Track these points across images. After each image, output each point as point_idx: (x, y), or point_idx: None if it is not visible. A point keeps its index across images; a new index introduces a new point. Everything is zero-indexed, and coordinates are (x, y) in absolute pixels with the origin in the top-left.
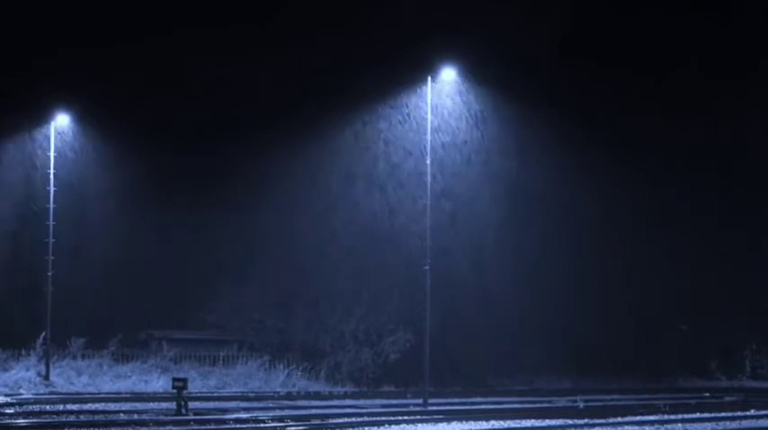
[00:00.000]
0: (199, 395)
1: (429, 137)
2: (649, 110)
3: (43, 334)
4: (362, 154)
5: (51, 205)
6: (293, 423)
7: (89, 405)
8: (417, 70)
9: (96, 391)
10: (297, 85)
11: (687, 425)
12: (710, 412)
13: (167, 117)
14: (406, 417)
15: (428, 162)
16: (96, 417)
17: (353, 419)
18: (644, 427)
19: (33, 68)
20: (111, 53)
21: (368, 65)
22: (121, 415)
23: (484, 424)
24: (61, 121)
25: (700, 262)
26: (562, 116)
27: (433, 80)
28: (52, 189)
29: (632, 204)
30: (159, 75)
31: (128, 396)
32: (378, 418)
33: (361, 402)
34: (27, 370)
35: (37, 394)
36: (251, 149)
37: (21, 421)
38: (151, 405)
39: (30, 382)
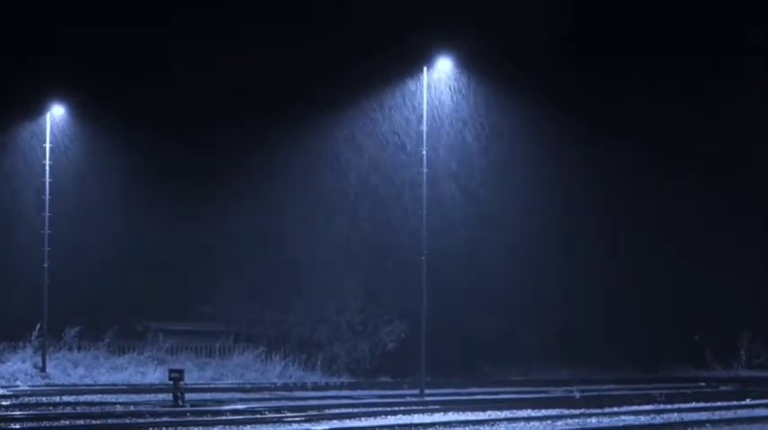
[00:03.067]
0: (195, 386)
1: (425, 127)
2: (651, 99)
3: (39, 326)
4: (358, 145)
5: (47, 196)
6: (290, 414)
7: (85, 396)
8: (413, 60)
9: (93, 383)
10: (292, 76)
11: (683, 415)
12: (706, 401)
13: (166, 108)
14: (402, 408)
15: (424, 152)
16: (93, 409)
17: (350, 410)
18: (640, 417)
19: (28, 59)
20: (106, 44)
21: (363, 55)
22: (118, 406)
23: (480, 414)
24: (57, 112)
25: (696, 252)
26: (561, 107)
27: (428, 70)
28: (48, 180)
29: (630, 195)
30: (157, 67)
31: (124, 387)
32: (374, 409)
33: (357, 393)
34: (23, 362)
35: (33, 386)
36: (246, 142)
37: (17, 413)
38: (147, 396)
39: (26, 374)
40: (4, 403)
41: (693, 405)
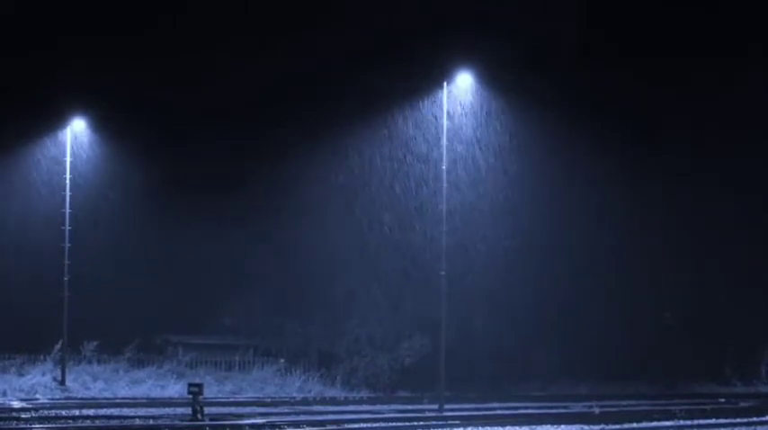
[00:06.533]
0: (214, 400)
1: (445, 142)
2: (671, 109)
3: (60, 340)
4: (378, 159)
5: (67, 210)
6: (309, 428)
7: (105, 410)
8: (433, 75)
9: (112, 396)
10: (312, 86)
11: None
12: (726, 417)
13: (184, 121)
14: (421, 423)
15: (444, 167)
16: (112, 423)
17: (369, 425)
18: None
19: (49, 73)
20: (127, 58)
21: (383, 69)
22: (137, 420)
23: (500, 429)
24: (77, 126)
25: (715, 267)
26: (586, 116)
27: (448, 85)
28: (68, 194)
29: (647, 208)
30: (176, 79)
31: (143, 401)
32: (393, 424)
33: (377, 407)
34: (43, 375)
35: (53, 399)
36: (266, 153)
37: (37, 426)
38: (167, 410)
39: (46, 387)
40: (23, 416)
41: (713, 421)
